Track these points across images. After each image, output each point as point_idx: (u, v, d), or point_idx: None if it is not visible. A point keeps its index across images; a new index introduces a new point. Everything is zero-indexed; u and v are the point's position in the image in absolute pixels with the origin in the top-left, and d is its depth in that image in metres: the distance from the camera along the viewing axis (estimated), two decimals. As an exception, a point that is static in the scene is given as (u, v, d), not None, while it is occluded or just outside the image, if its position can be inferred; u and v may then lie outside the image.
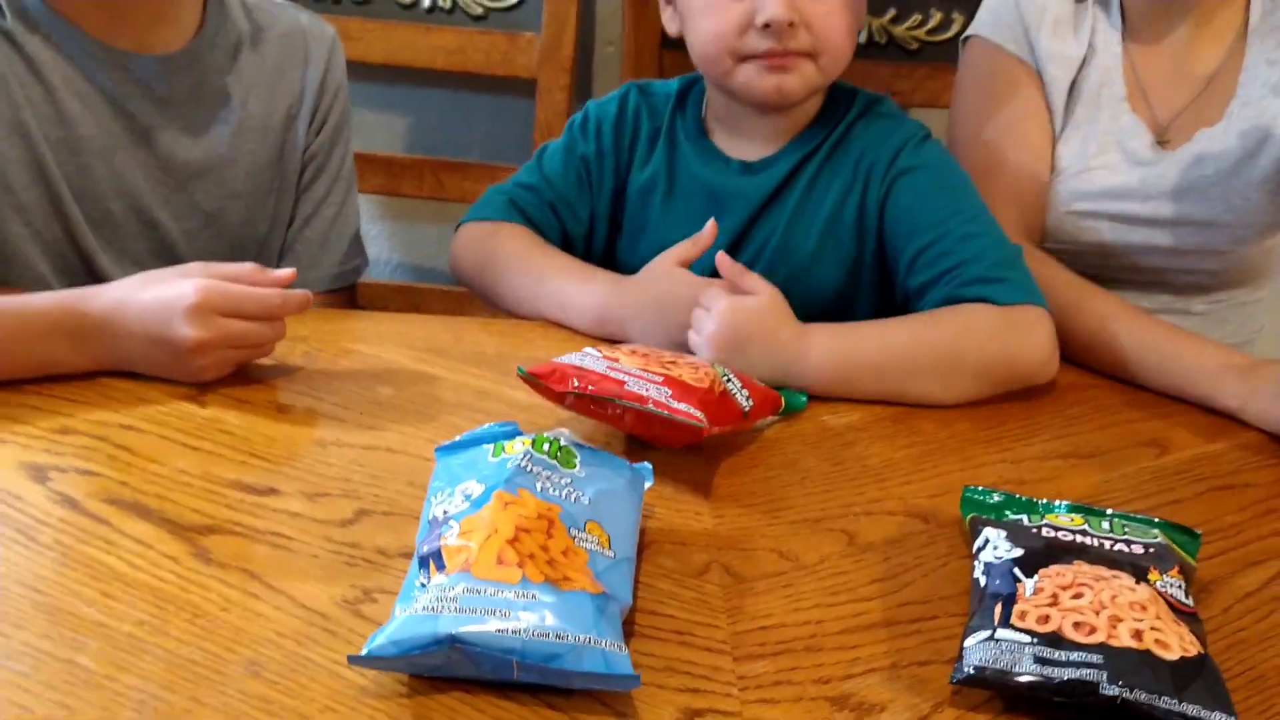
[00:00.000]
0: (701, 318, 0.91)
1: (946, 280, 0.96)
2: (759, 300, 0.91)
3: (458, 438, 0.72)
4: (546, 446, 0.70)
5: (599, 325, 1.00)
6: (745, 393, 0.84)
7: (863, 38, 1.45)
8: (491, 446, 0.70)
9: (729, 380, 0.84)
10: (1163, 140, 1.12)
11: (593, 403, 0.80)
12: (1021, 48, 1.14)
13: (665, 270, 0.98)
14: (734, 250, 1.04)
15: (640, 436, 0.83)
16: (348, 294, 1.18)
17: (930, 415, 0.91)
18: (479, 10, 1.44)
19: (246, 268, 0.87)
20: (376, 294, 1.53)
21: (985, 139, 1.14)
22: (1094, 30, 1.14)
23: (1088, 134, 1.13)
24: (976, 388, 0.93)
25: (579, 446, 0.72)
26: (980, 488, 0.76)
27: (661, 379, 0.80)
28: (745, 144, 1.09)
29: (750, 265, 0.97)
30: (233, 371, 0.88)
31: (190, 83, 1.03)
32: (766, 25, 0.96)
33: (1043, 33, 1.13)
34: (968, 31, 1.19)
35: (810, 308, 0.94)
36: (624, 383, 0.79)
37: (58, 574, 0.64)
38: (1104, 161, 1.12)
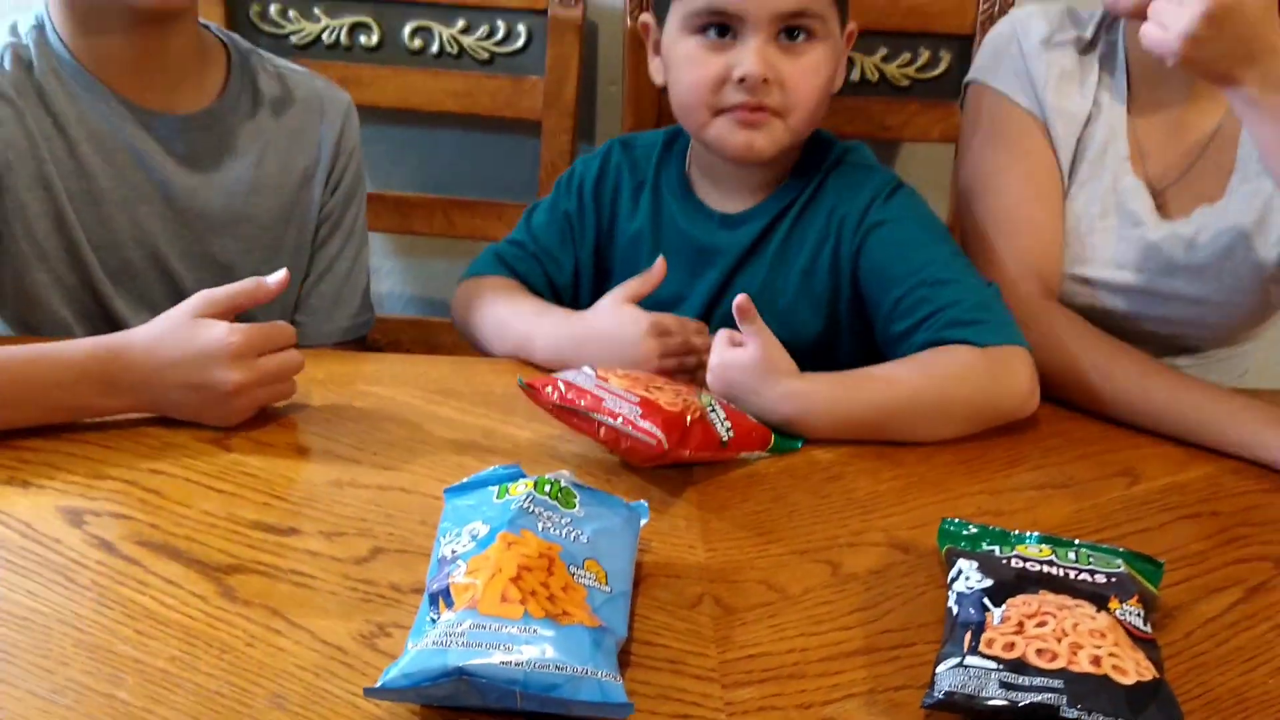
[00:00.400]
0: (711, 366, 0.96)
1: (927, 326, 1.00)
2: (748, 355, 0.94)
3: (465, 479, 0.78)
4: (548, 488, 0.75)
5: (555, 357, 1.04)
6: (728, 424, 0.90)
7: (855, 75, 1.50)
8: (496, 488, 0.75)
9: (713, 410, 0.90)
10: (1160, 204, 1.12)
11: (574, 414, 0.87)
12: (1030, 101, 1.12)
13: (613, 306, 1.04)
14: (716, 301, 1.11)
15: (614, 451, 0.89)
16: (357, 346, 1.24)
17: (914, 448, 0.96)
18: (485, 55, 1.49)
19: (248, 283, 0.92)
20: (390, 328, 1.59)
21: (1001, 193, 1.13)
22: (1099, 86, 1.13)
23: (1090, 194, 1.12)
24: (962, 429, 0.97)
25: (579, 487, 0.77)
26: (957, 520, 0.81)
27: (637, 399, 0.86)
28: (726, 196, 1.14)
29: (730, 315, 1.00)
30: (255, 414, 0.92)
31: (211, 141, 1.09)
32: (742, 79, 1.02)
33: (1049, 88, 1.12)
34: (971, 76, 1.19)
35: (793, 353, 0.98)
36: (602, 399, 0.86)
37: (96, 613, 0.69)
38: (1105, 225, 1.11)
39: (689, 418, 0.87)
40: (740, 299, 0.93)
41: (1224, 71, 0.90)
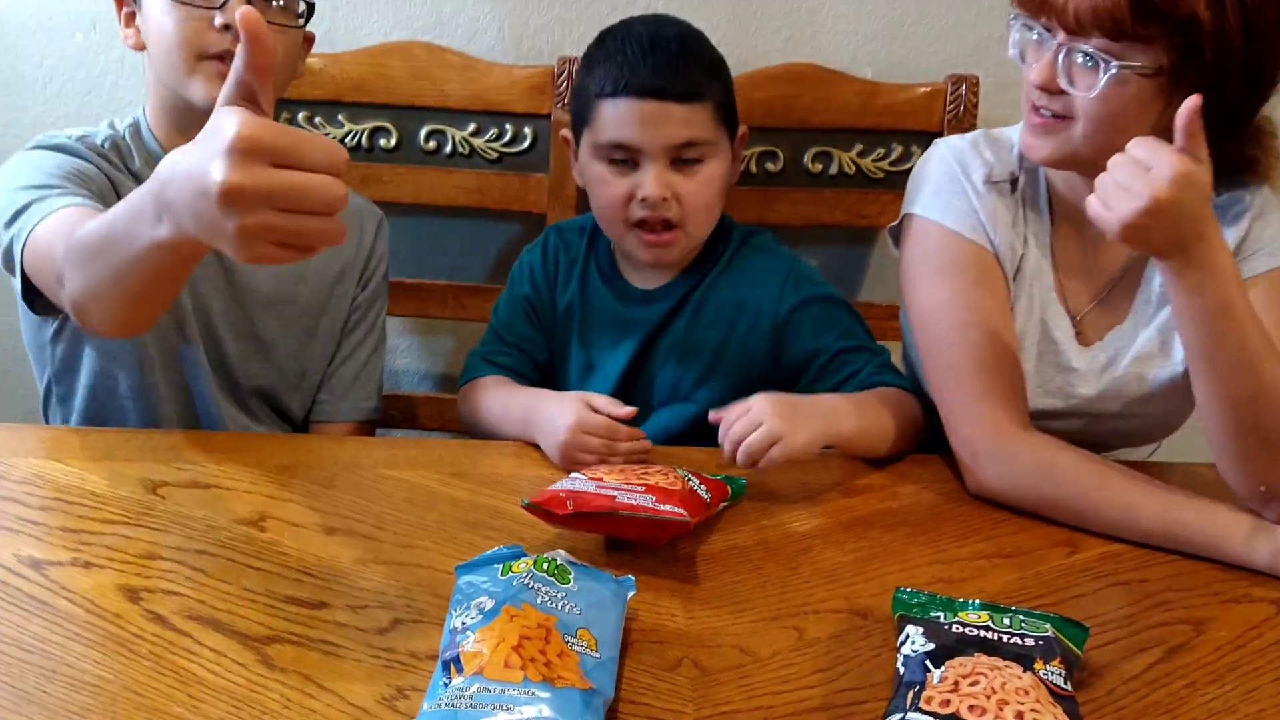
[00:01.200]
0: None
1: (854, 379, 1.24)
2: (760, 406, 1.07)
3: (474, 558, 0.88)
4: (546, 565, 0.86)
5: (523, 428, 1.19)
6: (704, 487, 1.02)
7: (833, 168, 1.62)
8: (501, 566, 0.86)
9: (689, 479, 1.02)
10: (1079, 331, 1.19)
11: (589, 519, 0.96)
12: (984, 239, 1.16)
13: (564, 399, 1.16)
14: (635, 368, 1.29)
15: (629, 539, 0.99)
16: (366, 429, 1.38)
17: (878, 521, 1.07)
18: (494, 155, 1.62)
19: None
20: (406, 404, 1.70)
21: (975, 325, 1.14)
22: (1026, 222, 1.19)
23: (1023, 325, 1.18)
24: (906, 446, 1.20)
25: (573, 564, 0.88)
26: (910, 589, 0.91)
27: (644, 488, 0.97)
28: (642, 275, 1.32)
29: (651, 380, 1.26)
30: (287, 259, 0.73)
31: None
32: (644, 199, 1.20)
33: (996, 228, 1.17)
34: (916, 210, 1.20)
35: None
36: (614, 497, 0.96)
37: (153, 679, 0.80)
38: (1034, 353, 1.18)
39: (686, 489, 0.99)
40: (712, 417, 1.10)
41: (1156, 250, 0.98)
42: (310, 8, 1.21)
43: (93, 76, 1.63)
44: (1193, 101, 0.93)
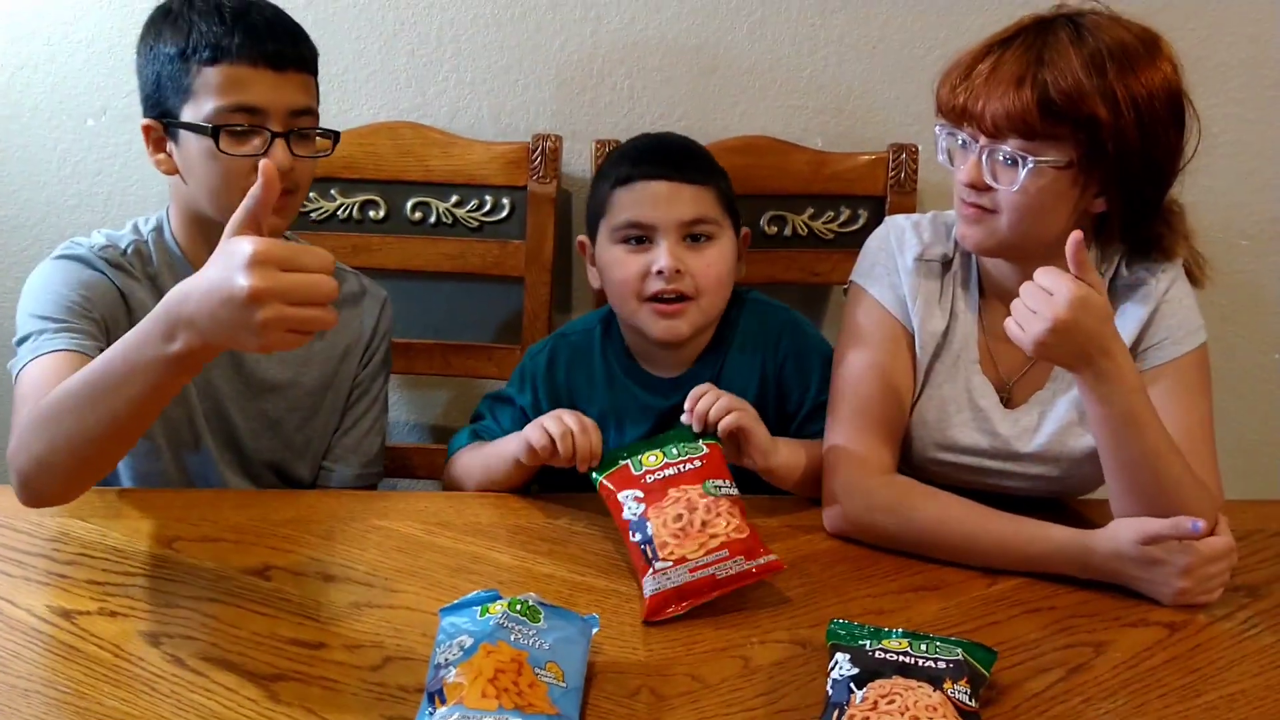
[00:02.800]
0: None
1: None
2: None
3: (456, 601, 1.00)
4: (519, 607, 0.97)
5: (514, 450, 1.27)
6: (730, 485, 1.16)
7: (788, 230, 1.75)
8: (479, 608, 0.98)
9: (718, 490, 1.14)
10: (1005, 399, 1.28)
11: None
12: (901, 313, 1.29)
13: (560, 413, 1.25)
14: None
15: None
16: (370, 490, 1.47)
17: (820, 559, 1.19)
18: (475, 224, 1.75)
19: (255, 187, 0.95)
20: (398, 454, 1.81)
21: (868, 381, 1.28)
22: (954, 299, 1.30)
23: (947, 394, 1.28)
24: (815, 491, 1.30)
25: (544, 605, 0.99)
26: (843, 621, 1.03)
27: (725, 551, 1.08)
28: (663, 367, 1.41)
29: None
30: (295, 344, 0.92)
31: None
32: (660, 271, 1.31)
33: (916, 307, 1.29)
34: (853, 277, 1.35)
35: None
36: (713, 575, 1.07)
37: (176, 714, 0.91)
38: (961, 420, 1.28)
39: (746, 523, 1.11)
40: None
41: (1066, 364, 1.11)
42: (336, 136, 1.33)
43: (103, 159, 1.76)
44: (1076, 235, 1.07)
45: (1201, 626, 1.08)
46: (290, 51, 1.25)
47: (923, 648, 0.96)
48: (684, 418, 1.22)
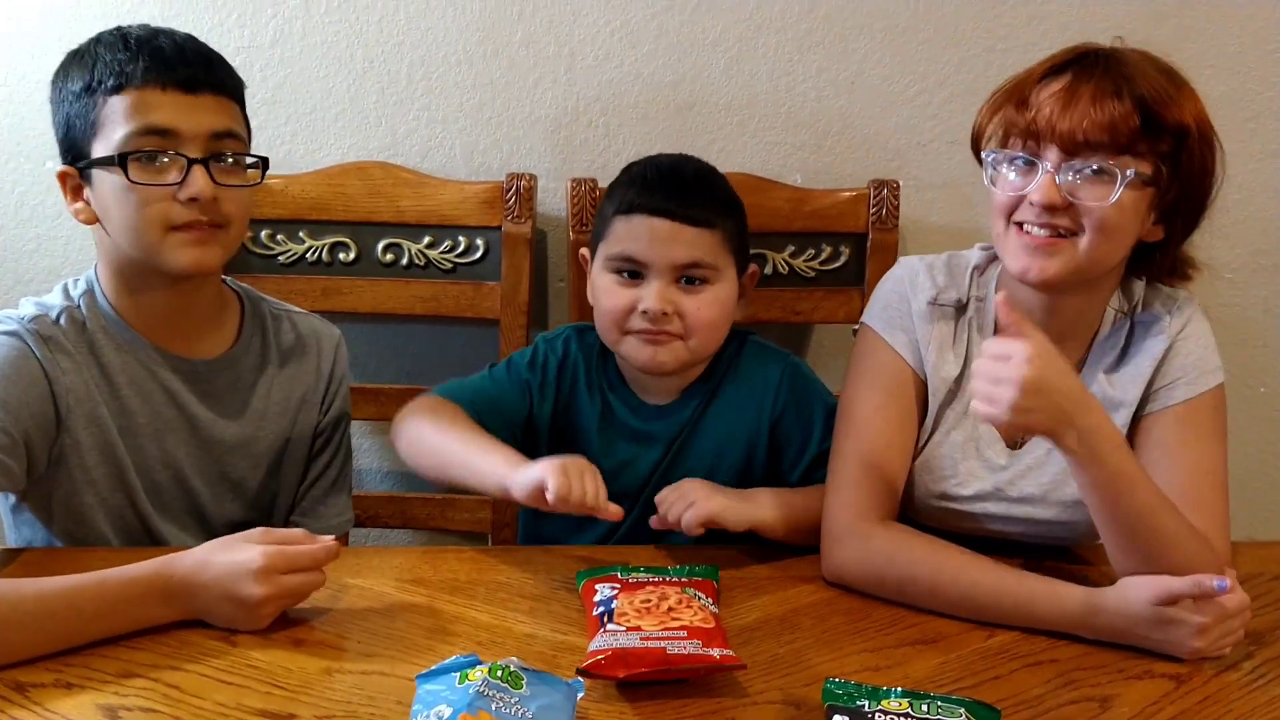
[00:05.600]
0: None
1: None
2: (686, 484, 1.25)
3: (433, 666, 0.95)
4: (500, 673, 0.92)
5: (503, 473, 1.19)
6: (710, 599, 1.11)
7: (769, 269, 1.72)
8: (458, 674, 0.93)
9: (699, 598, 1.09)
10: (1012, 445, 1.26)
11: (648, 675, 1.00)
12: (914, 358, 1.26)
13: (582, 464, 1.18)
14: (654, 474, 1.35)
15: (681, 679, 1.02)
16: (340, 540, 1.41)
17: (812, 612, 1.14)
18: (449, 265, 1.71)
19: (296, 533, 1.09)
20: (369, 503, 1.76)
21: (874, 426, 1.24)
22: (970, 343, 1.26)
23: (958, 436, 1.25)
24: None
25: (526, 670, 0.94)
26: (838, 680, 0.98)
27: (684, 632, 1.03)
28: (652, 393, 1.37)
29: (668, 476, 1.31)
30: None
31: (229, 380, 1.30)
32: (645, 311, 1.26)
33: (930, 351, 1.25)
34: (865, 319, 1.30)
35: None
36: (664, 649, 1.00)
37: (133, 797, 0.85)
38: (967, 467, 1.25)
39: (715, 618, 1.06)
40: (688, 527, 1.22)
41: (1048, 430, 1.06)
42: (264, 162, 1.24)
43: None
44: (1000, 297, 1.09)
45: (1208, 677, 1.05)
46: (203, 75, 1.18)
47: (924, 708, 0.92)
48: (653, 521, 1.22)
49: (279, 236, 1.69)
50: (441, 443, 1.27)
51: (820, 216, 1.71)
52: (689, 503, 1.21)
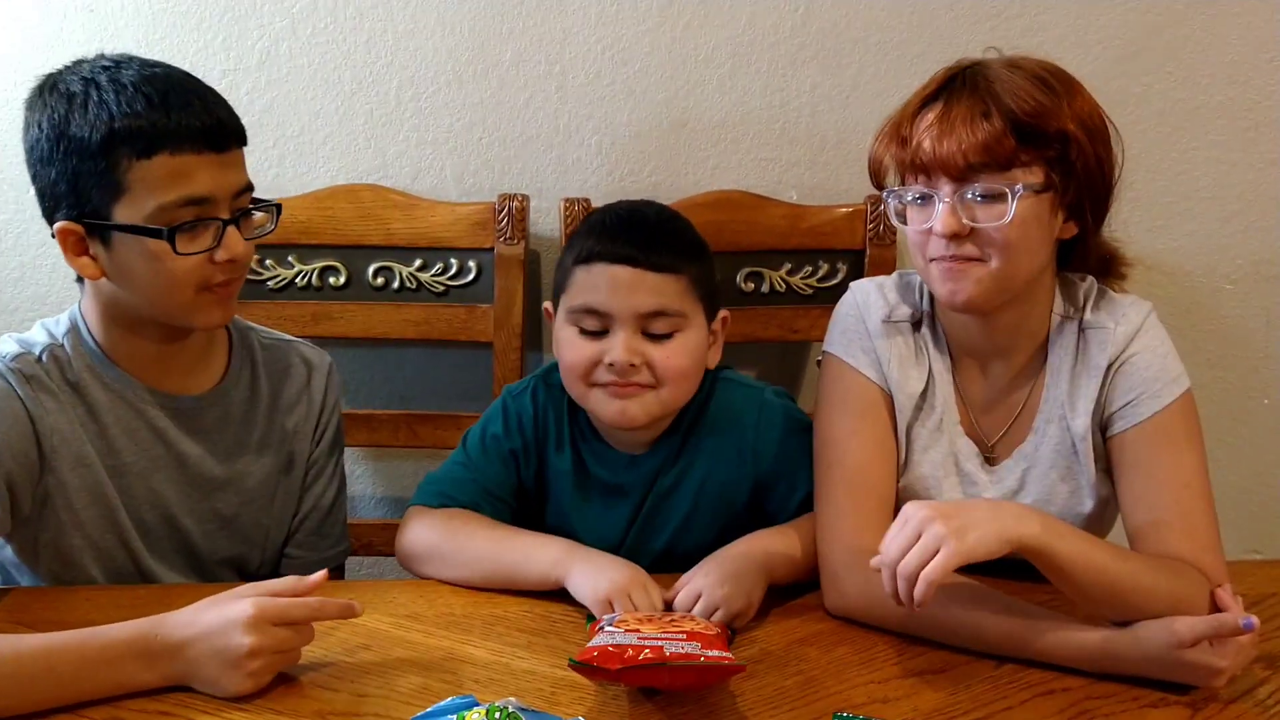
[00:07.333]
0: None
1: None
2: (702, 584, 1.15)
3: (428, 709, 0.92)
4: (498, 715, 0.90)
5: (551, 568, 1.19)
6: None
7: (765, 287, 1.70)
8: (454, 717, 0.90)
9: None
10: (990, 459, 1.24)
11: (640, 672, 0.97)
12: (877, 375, 1.24)
13: (624, 565, 1.18)
14: (629, 527, 1.32)
15: (677, 689, 1.00)
16: (335, 575, 1.39)
17: (817, 641, 1.12)
18: (440, 288, 1.69)
19: (287, 581, 1.05)
20: (362, 531, 1.73)
21: (854, 451, 1.23)
22: (930, 359, 1.25)
23: (934, 457, 1.24)
24: None
25: (524, 710, 0.91)
26: (846, 714, 0.96)
27: (684, 635, 1.01)
28: (627, 443, 1.32)
29: (645, 528, 1.30)
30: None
31: (218, 415, 1.27)
32: (611, 364, 1.21)
33: (892, 367, 1.24)
34: (825, 348, 1.30)
35: (701, 550, 1.20)
36: (661, 648, 0.98)
37: None
38: (949, 484, 1.23)
39: (724, 632, 1.05)
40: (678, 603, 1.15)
41: (1009, 538, 1.01)
42: (278, 208, 1.22)
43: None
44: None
45: (1224, 704, 1.02)
46: (228, 124, 1.14)
47: (935, 744, 0.90)
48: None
49: (268, 261, 1.66)
50: (472, 562, 1.24)
51: (816, 233, 1.69)
52: (711, 608, 1.12)
